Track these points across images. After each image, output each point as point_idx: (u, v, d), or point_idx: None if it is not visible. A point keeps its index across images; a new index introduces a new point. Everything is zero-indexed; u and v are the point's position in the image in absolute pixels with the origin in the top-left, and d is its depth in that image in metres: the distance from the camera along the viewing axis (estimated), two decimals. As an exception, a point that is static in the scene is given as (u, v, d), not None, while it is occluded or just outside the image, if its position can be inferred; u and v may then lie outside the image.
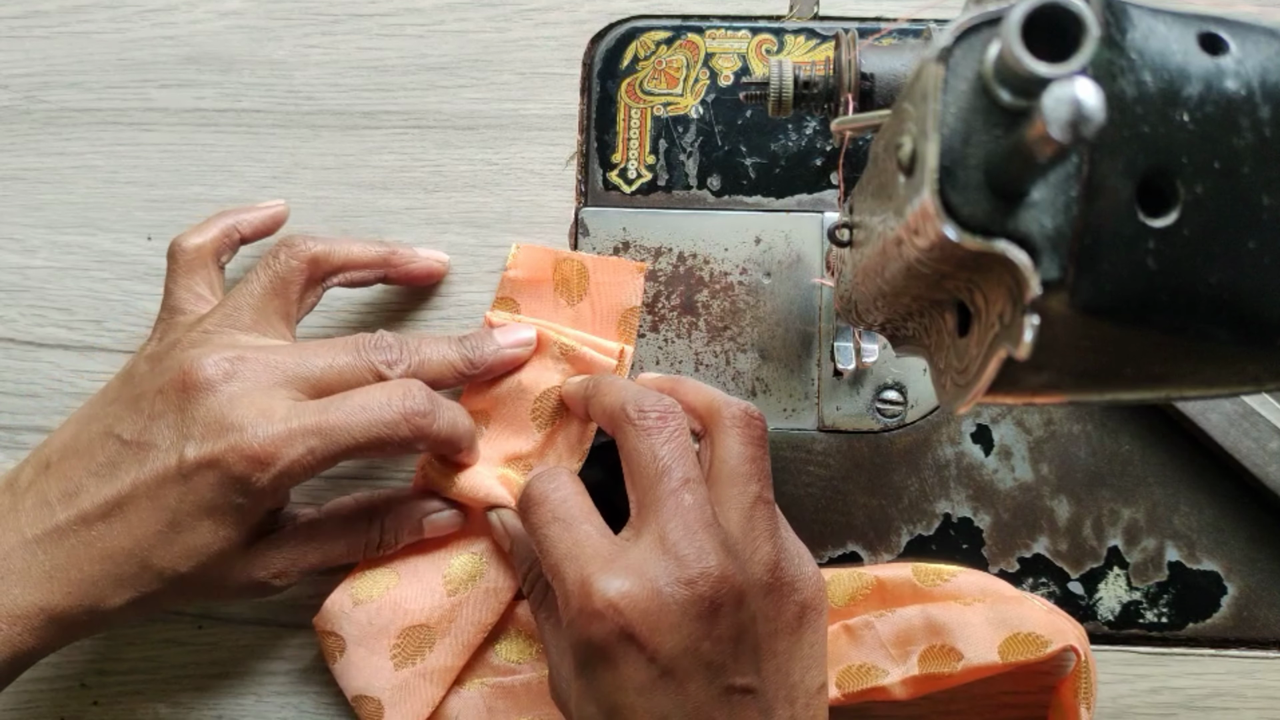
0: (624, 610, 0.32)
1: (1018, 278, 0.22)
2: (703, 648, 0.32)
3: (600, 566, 0.33)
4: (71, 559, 0.36)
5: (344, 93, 0.46)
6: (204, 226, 0.41)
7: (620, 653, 0.32)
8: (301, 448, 0.36)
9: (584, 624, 0.32)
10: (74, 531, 0.36)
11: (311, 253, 0.40)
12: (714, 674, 0.33)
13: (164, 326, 0.40)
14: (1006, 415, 0.43)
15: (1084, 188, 0.22)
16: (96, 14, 0.47)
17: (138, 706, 0.43)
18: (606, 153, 0.45)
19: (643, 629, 0.32)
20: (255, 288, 0.39)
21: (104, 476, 0.36)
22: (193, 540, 0.36)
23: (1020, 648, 0.38)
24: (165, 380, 0.37)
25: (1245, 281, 0.22)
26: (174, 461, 0.36)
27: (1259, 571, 0.42)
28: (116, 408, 0.38)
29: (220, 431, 0.35)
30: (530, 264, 0.44)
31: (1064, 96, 0.18)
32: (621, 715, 0.33)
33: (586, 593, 0.33)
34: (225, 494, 0.36)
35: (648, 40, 0.46)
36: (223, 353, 0.37)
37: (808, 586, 0.36)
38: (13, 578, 0.36)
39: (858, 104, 0.36)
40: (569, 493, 0.36)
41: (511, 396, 0.42)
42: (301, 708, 0.43)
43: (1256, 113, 0.22)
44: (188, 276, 0.40)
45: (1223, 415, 0.41)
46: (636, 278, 0.44)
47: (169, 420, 0.36)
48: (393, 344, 0.39)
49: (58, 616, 0.36)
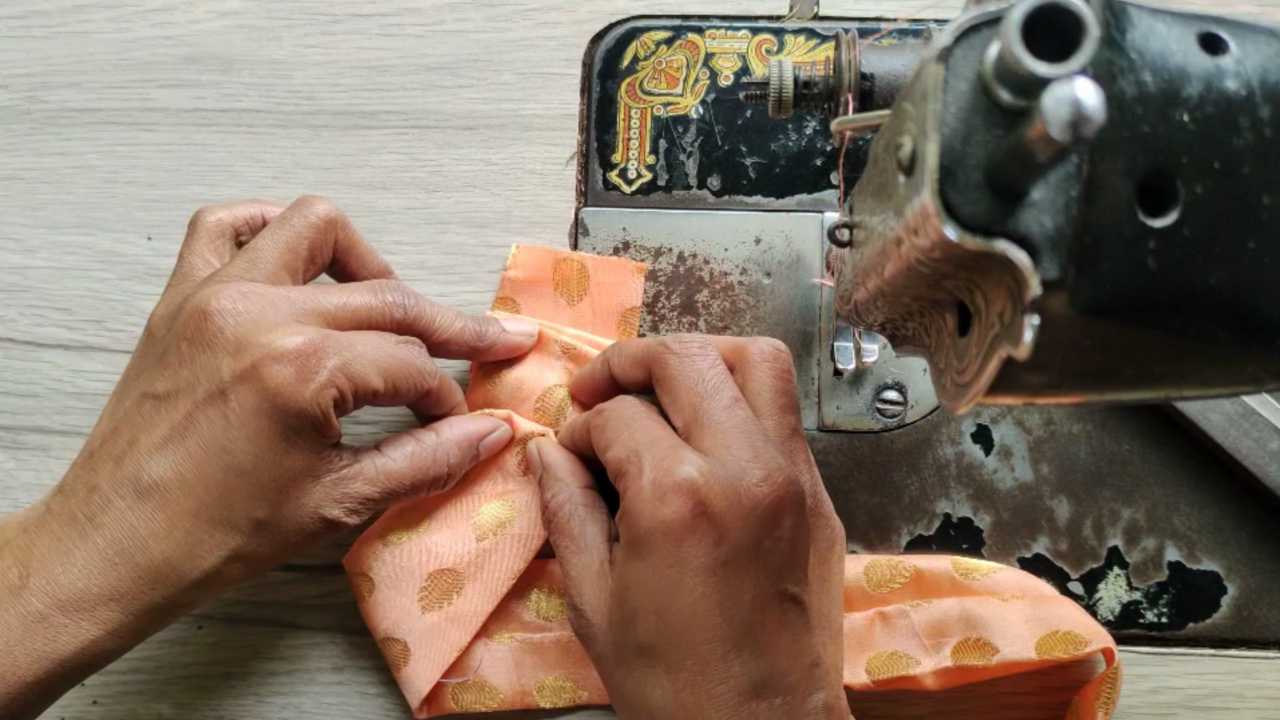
0: (701, 488, 0.32)
1: (1018, 278, 0.22)
2: (765, 544, 0.33)
3: (681, 450, 0.33)
4: (134, 539, 0.34)
5: (344, 93, 0.46)
6: (234, 204, 0.40)
7: (689, 529, 0.32)
8: (337, 359, 0.35)
9: (657, 496, 0.32)
10: (128, 506, 0.34)
11: (332, 215, 0.39)
12: (770, 574, 0.33)
13: (169, 290, 0.39)
14: (1006, 415, 0.43)
15: (1084, 188, 0.22)
16: (96, 14, 0.47)
17: (138, 706, 0.43)
18: (606, 153, 0.45)
19: (718, 508, 0.32)
20: (269, 241, 0.38)
21: (148, 437, 0.35)
22: (256, 479, 0.34)
23: (1058, 644, 0.39)
24: (182, 327, 0.35)
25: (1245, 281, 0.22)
26: (212, 387, 0.34)
27: (1259, 571, 0.42)
28: (143, 373, 0.36)
29: (250, 346, 0.34)
30: (530, 264, 0.44)
31: (1064, 96, 0.18)
32: (675, 598, 0.32)
33: (667, 468, 0.33)
34: (275, 418, 0.34)
35: (648, 40, 0.46)
36: (241, 287, 0.36)
37: (836, 524, 0.37)
38: (74, 569, 0.34)
39: (858, 104, 0.36)
40: (640, 406, 0.37)
41: (513, 395, 0.42)
42: (301, 708, 0.43)
43: (1256, 113, 0.22)
44: (204, 244, 0.39)
45: (1223, 415, 0.41)
46: (636, 277, 0.44)
47: (199, 359, 0.35)
48: (407, 291, 0.39)
49: (129, 602, 0.34)
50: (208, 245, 0.39)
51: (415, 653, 0.40)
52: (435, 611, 0.40)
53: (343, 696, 0.43)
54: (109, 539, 0.34)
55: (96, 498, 0.34)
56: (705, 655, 0.32)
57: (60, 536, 0.34)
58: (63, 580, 0.34)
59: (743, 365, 0.37)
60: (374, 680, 0.43)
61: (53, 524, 0.35)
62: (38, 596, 0.33)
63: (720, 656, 0.32)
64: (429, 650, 0.40)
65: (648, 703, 0.33)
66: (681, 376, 0.36)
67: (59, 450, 0.45)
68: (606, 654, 0.35)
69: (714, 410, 0.35)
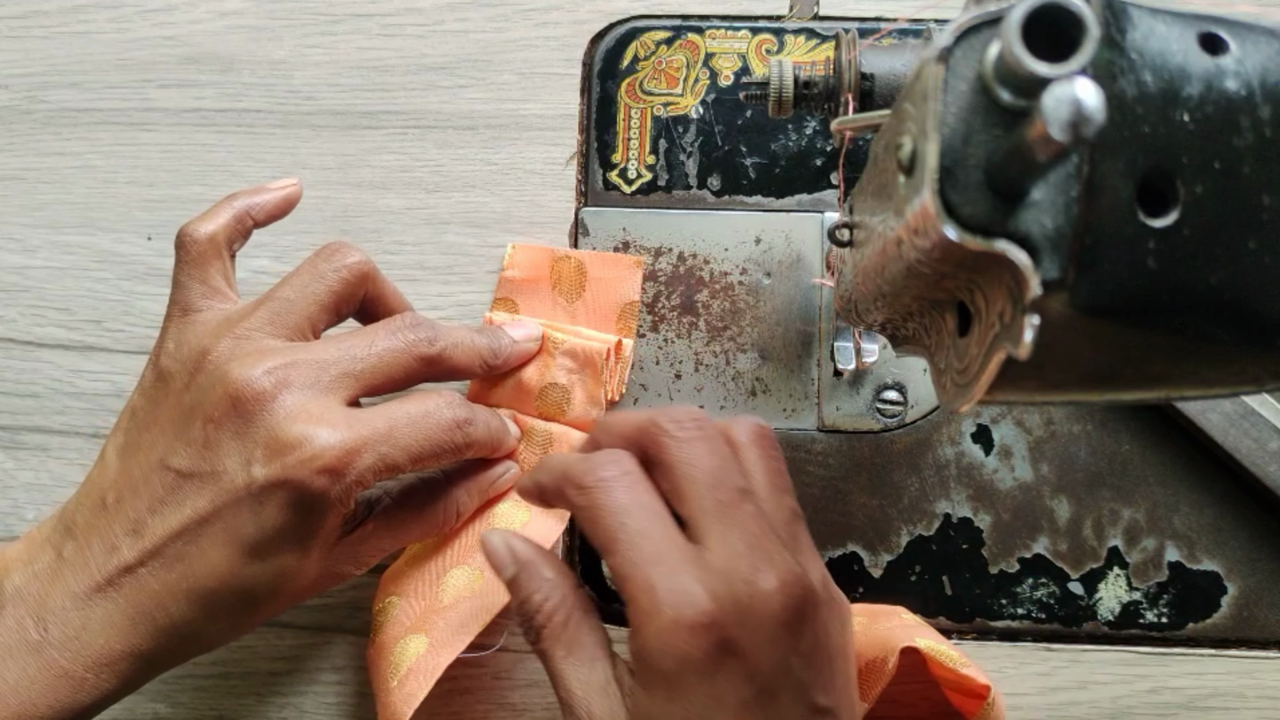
0: (725, 621, 0.29)
1: (1018, 278, 0.22)
2: (793, 663, 0.30)
3: (696, 572, 0.30)
4: (155, 602, 0.34)
5: (344, 93, 0.46)
6: (214, 212, 0.38)
7: (718, 668, 0.29)
8: (372, 456, 0.35)
9: (678, 637, 0.29)
10: (150, 573, 0.34)
11: (366, 269, 0.38)
12: (801, 692, 0.31)
13: (178, 327, 0.37)
14: (1006, 415, 0.43)
15: (1084, 188, 0.22)
16: (96, 14, 0.47)
17: (137, 706, 0.43)
18: (606, 153, 0.45)
19: (745, 640, 0.29)
20: (297, 292, 0.37)
21: (168, 513, 0.34)
22: (275, 563, 0.35)
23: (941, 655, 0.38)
24: (211, 401, 0.35)
25: (1245, 281, 0.22)
26: (243, 485, 0.34)
27: (1259, 571, 0.42)
28: (161, 435, 0.35)
29: (286, 448, 0.34)
30: (527, 263, 0.44)
31: (1064, 96, 0.18)
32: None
33: (686, 601, 0.29)
34: (301, 512, 0.34)
35: (648, 40, 0.46)
36: (267, 361, 0.35)
37: (842, 602, 0.34)
38: (95, 627, 0.34)
39: (858, 104, 0.36)
40: (641, 479, 0.32)
41: (514, 395, 0.42)
42: (301, 708, 0.43)
43: (1256, 113, 0.22)
44: (200, 269, 0.37)
45: (1223, 415, 0.41)
46: (635, 272, 0.44)
47: (226, 446, 0.34)
48: (425, 323, 0.38)
49: (146, 658, 0.34)
50: (202, 269, 0.37)
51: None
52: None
53: (343, 696, 0.43)
54: (131, 602, 0.34)
55: (116, 560, 0.34)
56: None
57: (77, 593, 0.34)
58: (85, 639, 0.34)
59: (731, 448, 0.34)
60: (374, 680, 0.43)
61: (69, 577, 0.34)
62: (60, 652, 0.34)
63: None
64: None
65: None
66: (681, 464, 0.32)
67: (58, 450, 0.45)
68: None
69: (722, 503, 0.31)
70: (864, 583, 0.43)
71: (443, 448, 0.37)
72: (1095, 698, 0.42)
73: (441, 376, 0.39)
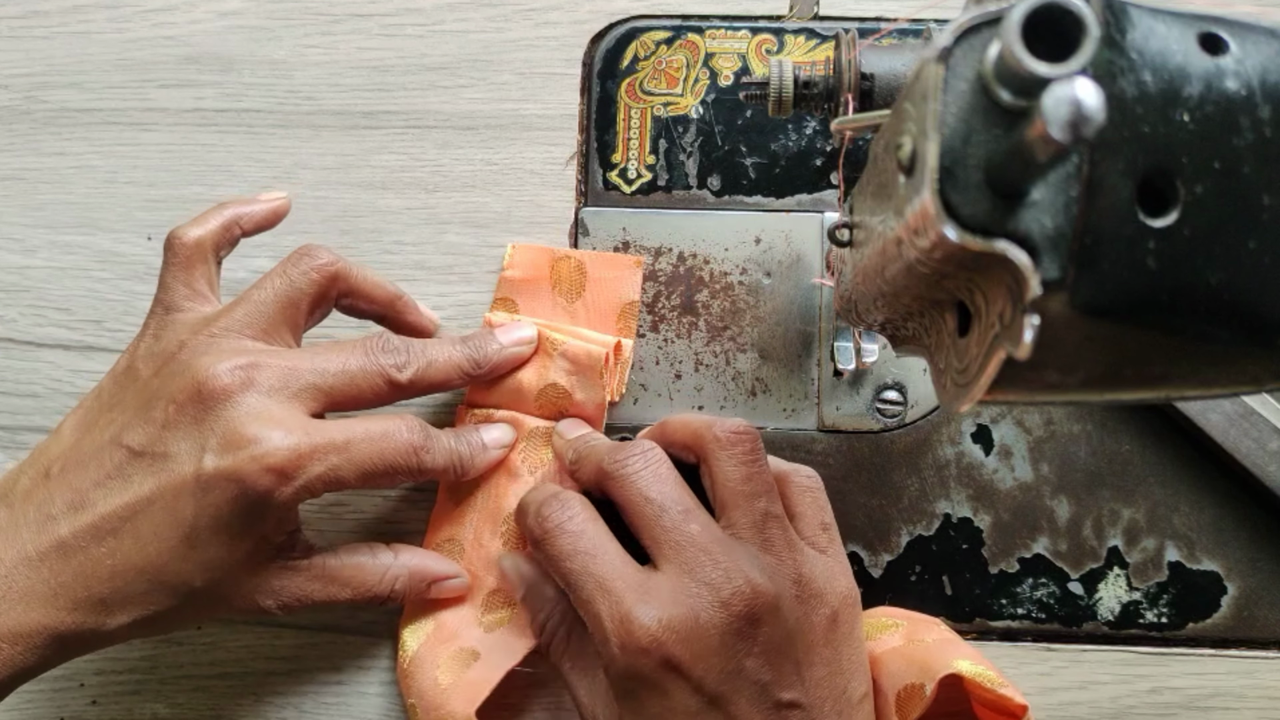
0: (665, 641, 0.32)
1: (1018, 278, 0.22)
2: (747, 666, 0.33)
3: (636, 598, 0.33)
4: (78, 576, 0.34)
5: (344, 93, 0.46)
6: (204, 218, 0.39)
7: (666, 683, 0.32)
8: (323, 465, 0.35)
9: (626, 658, 0.33)
10: (81, 547, 0.34)
11: (333, 270, 0.39)
12: (760, 692, 0.33)
13: (158, 323, 0.38)
14: (1006, 415, 0.43)
15: (1084, 188, 0.22)
16: (96, 14, 0.47)
17: (136, 706, 0.43)
18: (606, 153, 0.45)
19: (686, 658, 0.32)
20: (269, 294, 0.38)
21: (113, 487, 0.35)
22: (207, 554, 0.35)
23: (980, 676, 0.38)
24: (176, 387, 0.35)
25: (1245, 281, 0.22)
26: (191, 472, 0.34)
27: (1259, 571, 0.42)
28: (121, 414, 0.36)
29: (241, 443, 0.34)
30: (527, 263, 0.44)
31: (1064, 96, 0.18)
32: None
33: (627, 627, 0.33)
34: (244, 508, 0.34)
35: (648, 40, 0.46)
36: (236, 359, 0.35)
37: (835, 598, 0.36)
38: (14, 595, 0.34)
39: (858, 104, 0.36)
40: (585, 519, 0.36)
41: (514, 397, 0.42)
42: (301, 708, 0.43)
43: (1256, 113, 0.22)
44: (186, 271, 0.38)
45: (1223, 415, 0.41)
46: (634, 272, 0.44)
47: (184, 430, 0.35)
48: (400, 346, 0.38)
49: (61, 635, 0.34)
50: (188, 271, 0.39)
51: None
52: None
53: (342, 697, 0.43)
54: (53, 572, 0.34)
55: (50, 532, 0.35)
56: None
57: (5, 561, 0.34)
58: (3, 607, 0.34)
59: (706, 455, 0.37)
60: (374, 680, 0.43)
61: (1, 546, 0.35)
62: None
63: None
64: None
65: None
66: (629, 502, 0.35)
67: (59, 450, 0.45)
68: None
69: (667, 529, 0.34)
70: (864, 583, 0.43)
71: (395, 468, 0.37)
72: (1095, 698, 0.42)
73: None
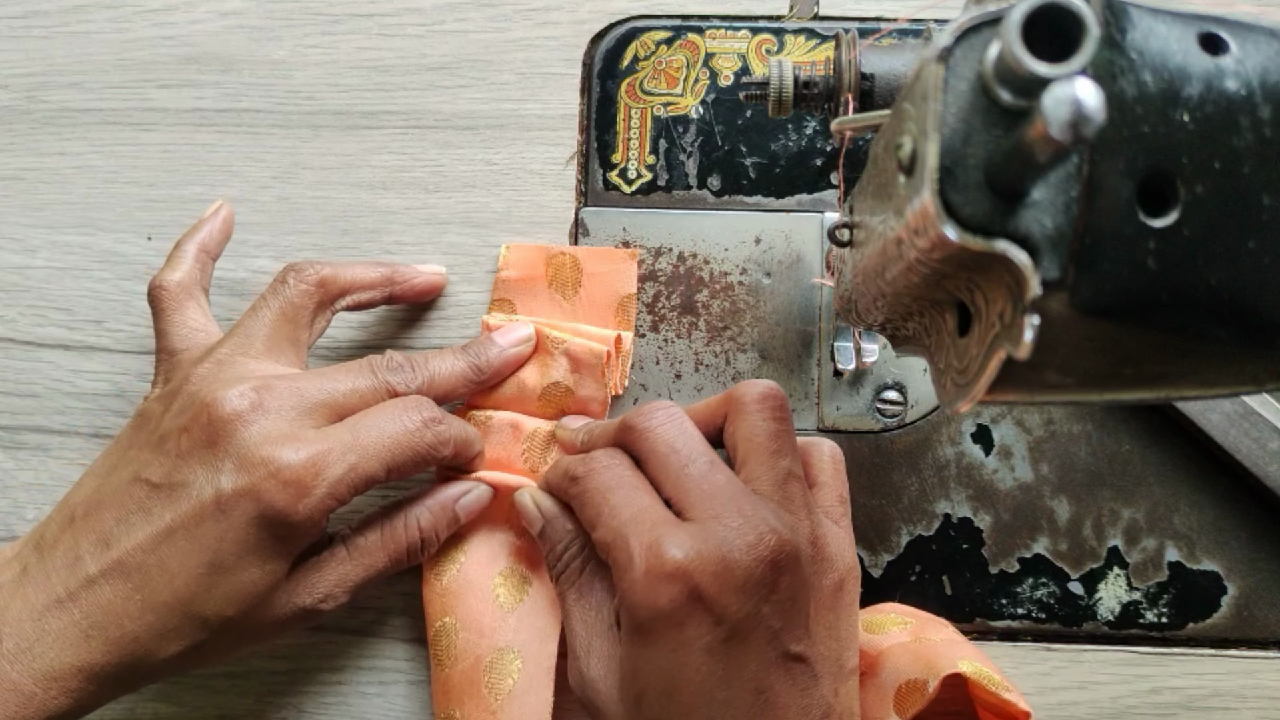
0: (694, 572, 0.32)
1: (1018, 278, 0.22)
2: (764, 611, 0.33)
3: (669, 531, 0.33)
4: (109, 615, 0.34)
5: (344, 93, 0.46)
6: (175, 260, 0.40)
7: (687, 615, 0.32)
8: (341, 466, 0.35)
9: (650, 587, 0.32)
10: (109, 584, 0.34)
11: (319, 276, 0.39)
12: (773, 639, 0.33)
13: (165, 369, 0.39)
14: (1006, 415, 0.43)
15: (1084, 188, 0.22)
16: (96, 14, 0.47)
17: (137, 706, 0.43)
18: (606, 153, 0.45)
19: (712, 589, 0.32)
20: (265, 315, 0.39)
21: (135, 523, 0.35)
22: (237, 580, 0.35)
23: (984, 677, 0.38)
24: (187, 419, 0.36)
25: (1245, 281, 0.22)
26: (210, 496, 0.34)
27: (1259, 571, 0.42)
28: (139, 453, 0.36)
29: (255, 463, 0.35)
30: (522, 263, 0.44)
31: (1064, 96, 0.18)
32: (682, 679, 0.33)
33: (658, 555, 0.33)
34: (266, 527, 0.35)
35: (648, 40, 0.46)
36: (243, 384, 0.36)
37: (843, 565, 0.36)
38: (48, 639, 0.34)
39: (858, 104, 0.36)
40: (627, 465, 0.37)
41: (517, 397, 0.42)
42: (301, 708, 0.43)
43: (1256, 113, 0.22)
44: (178, 313, 0.40)
45: (1223, 415, 0.41)
46: (630, 264, 0.44)
47: (198, 458, 0.35)
48: (403, 363, 0.39)
49: (97, 675, 0.34)
50: (180, 314, 0.40)
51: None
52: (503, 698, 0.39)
53: (343, 696, 0.43)
54: (85, 613, 0.34)
55: (79, 572, 0.35)
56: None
57: (36, 606, 0.35)
58: (38, 650, 0.34)
59: (736, 412, 0.37)
60: (373, 680, 0.43)
61: (29, 591, 0.35)
62: (13, 664, 0.34)
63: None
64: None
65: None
66: (654, 454, 0.36)
67: (58, 450, 0.45)
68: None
69: (694, 478, 0.35)
70: (864, 583, 0.42)
71: (416, 450, 0.37)
72: (1095, 698, 0.42)
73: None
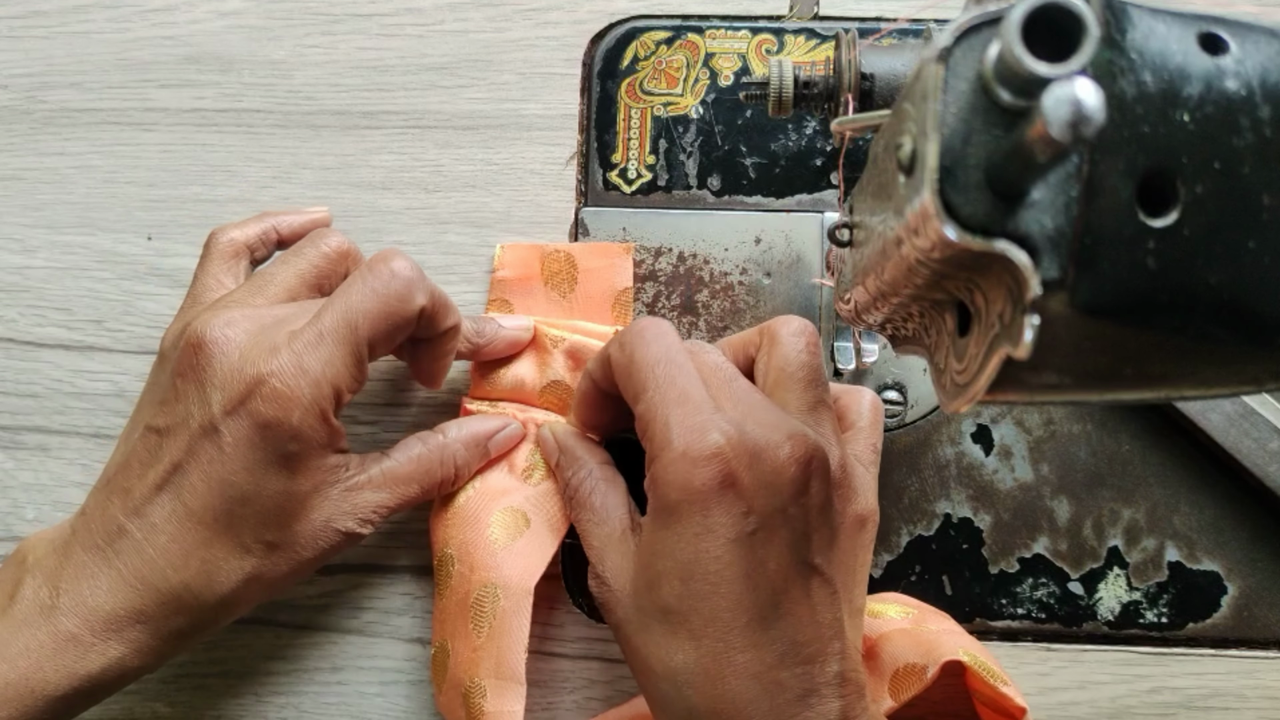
0: (731, 457, 0.32)
1: (1018, 278, 0.22)
2: (791, 512, 0.33)
3: (711, 414, 0.33)
4: (150, 565, 0.35)
5: (344, 93, 0.46)
6: (246, 222, 0.41)
7: (717, 500, 0.32)
8: (317, 360, 0.35)
9: (687, 467, 0.32)
10: (140, 532, 0.35)
11: (346, 248, 0.39)
12: (796, 543, 0.33)
13: (182, 313, 0.39)
14: (1006, 415, 0.43)
15: (1084, 188, 0.22)
16: (96, 14, 0.47)
17: (136, 705, 0.43)
18: (606, 153, 0.45)
19: (747, 478, 0.32)
20: (282, 270, 0.38)
21: (149, 471, 0.35)
22: (261, 503, 0.35)
23: (981, 668, 0.38)
24: (176, 360, 0.36)
25: (1245, 281, 0.22)
26: (207, 423, 0.35)
27: (1259, 571, 0.42)
28: (147, 405, 0.37)
29: (238, 381, 0.35)
30: (517, 262, 0.44)
31: (1064, 96, 0.18)
32: (700, 565, 0.32)
33: (700, 434, 0.32)
34: (269, 443, 0.35)
35: (648, 40, 0.46)
36: (226, 314, 0.36)
37: (866, 506, 0.36)
38: (100, 591, 0.35)
39: (858, 104, 0.36)
40: (677, 340, 0.36)
41: (516, 392, 0.42)
42: (301, 708, 0.43)
43: (1256, 113, 0.22)
44: (218, 264, 0.40)
45: (1223, 415, 0.41)
46: (625, 259, 0.44)
47: (190, 394, 0.35)
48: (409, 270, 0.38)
49: (152, 622, 0.35)
50: (221, 266, 0.40)
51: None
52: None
53: (342, 696, 0.43)
54: (129, 566, 0.35)
55: (113, 528, 0.35)
56: (729, 623, 0.32)
57: (84, 562, 0.35)
58: (91, 602, 0.35)
59: (769, 341, 0.37)
60: (373, 680, 0.43)
61: (76, 549, 0.36)
62: (68, 616, 0.34)
63: (744, 625, 0.32)
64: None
65: (669, 665, 0.33)
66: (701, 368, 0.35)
67: (58, 450, 0.45)
68: (629, 618, 0.35)
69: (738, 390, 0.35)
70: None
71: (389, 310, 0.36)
72: (1095, 698, 0.42)
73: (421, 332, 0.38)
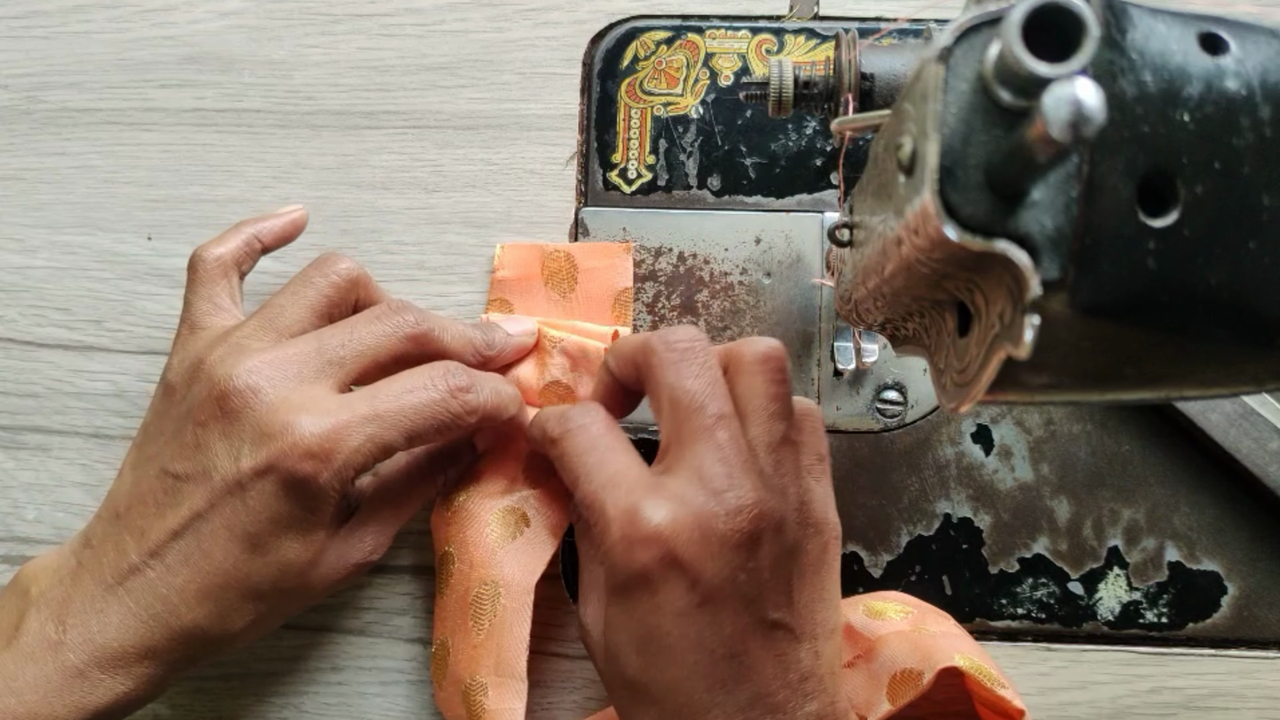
0: (669, 537, 0.32)
1: (1018, 278, 0.22)
2: (740, 579, 0.33)
3: (644, 494, 0.33)
4: (165, 604, 0.35)
5: (344, 93, 0.46)
6: (225, 236, 0.40)
7: (662, 579, 0.32)
8: (360, 436, 0.35)
9: (626, 550, 0.32)
10: (154, 572, 0.35)
11: (355, 275, 0.39)
12: (750, 605, 0.33)
13: (183, 342, 0.39)
14: (1006, 415, 0.43)
15: (1084, 188, 0.22)
16: (96, 14, 0.47)
17: (138, 706, 0.43)
18: (606, 153, 0.45)
19: (687, 555, 0.32)
20: (290, 300, 0.38)
21: (166, 514, 0.35)
22: (279, 555, 0.35)
23: (980, 672, 0.38)
24: (199, 402, 0.36)
25: (1245, 281, 0.22)
26: (232, 476, 0.35)
27: (1259, 571, 0.42)
28: (163, 446, 0.37)
29: (270, 436, 0.34)
30: (517, 262, 0.44)
31: (1064, 96, 0.18)
32: (655, 641, 0.32)
33: (632, 519, 0.32)
34: (293, 499, 0.35)
35: (648, 40, 0.46)
36: (250, 360, 0.36)
37: (829, 529, 0.36)
38: (110, 628, 0.35)
39: (858, 104, 0.36)
40: (604, 424, 0.36)
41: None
42: (301, 708, 0.43)
43: (1256, 113, 0.22)
44: (208, 287, 0.39)
45: (1223, 415, 0.41)
46: (625, 258, 0.44)
47: (215, 444, 0.35)
48: (409, 307, 0.38)
49: (161, 658, 0.35)
50: (213, 288, 0.39)
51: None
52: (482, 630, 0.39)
53: (343, 696, 0.43)
54: (140, 603, 0.35)
55: (125, 566, 0.35)
56: (689, 690, 0.32)
57: (94, 595, 0.35)
58: (99, 639, 0.35)
59: (734, 368, 0.36)
60: (374, 680, 0.43)
61: (85, 581, 0.36)
62: (75, 652, 0.34)
63: (705, 690, 0.32)
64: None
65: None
66: (667, 389, 0.34)
67: (58, 450, 0.45)
68: (603, 676, 0.35)
69: (696, 430, 0.33)
70: (864, 583, 0.43)
71: (439, 419, 0.36)
72: (1095, 698, 0.42)
73: (433, 357, 0.39)
